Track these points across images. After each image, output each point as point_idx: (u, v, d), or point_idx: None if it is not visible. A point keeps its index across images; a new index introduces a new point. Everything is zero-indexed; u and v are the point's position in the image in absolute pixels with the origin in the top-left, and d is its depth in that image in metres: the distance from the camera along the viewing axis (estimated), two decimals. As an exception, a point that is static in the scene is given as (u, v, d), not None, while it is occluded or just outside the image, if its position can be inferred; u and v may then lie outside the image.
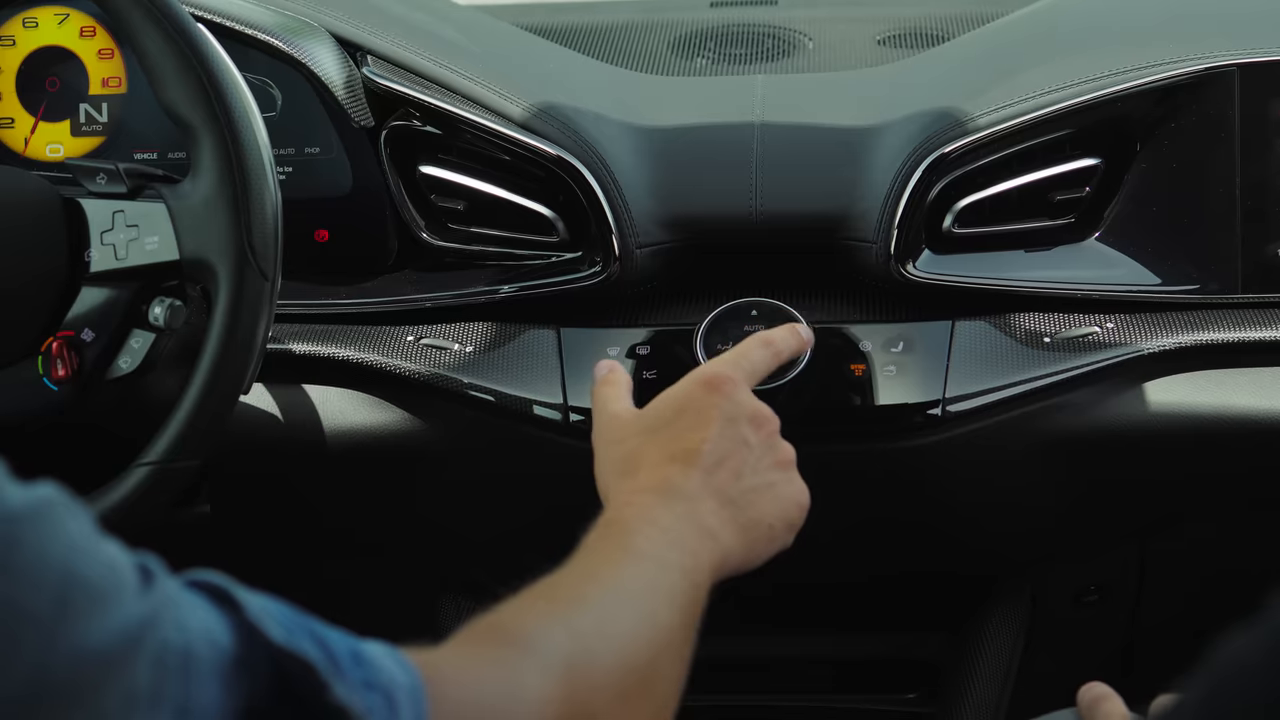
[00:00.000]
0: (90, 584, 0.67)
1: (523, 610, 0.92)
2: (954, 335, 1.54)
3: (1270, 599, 0.65)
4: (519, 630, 0.90)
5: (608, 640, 0.93)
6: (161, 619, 0.70)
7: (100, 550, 0.69)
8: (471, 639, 0.89)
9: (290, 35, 1.59)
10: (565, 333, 1.57)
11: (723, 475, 1.12)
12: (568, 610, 0.94)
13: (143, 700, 0.68)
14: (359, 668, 0.76)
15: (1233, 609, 0.69)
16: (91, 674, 0.66)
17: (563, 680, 0.88)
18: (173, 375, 1.40)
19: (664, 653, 0.97)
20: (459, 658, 0.86)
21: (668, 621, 0.99)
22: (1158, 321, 1.54)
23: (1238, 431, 1.53)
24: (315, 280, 1.61)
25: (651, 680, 0.96)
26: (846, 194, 1.55)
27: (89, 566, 0.68)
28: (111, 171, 1.39)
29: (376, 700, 0.75)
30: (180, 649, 0.70)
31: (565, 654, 0.89)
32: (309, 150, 1.61)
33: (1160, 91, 1.54)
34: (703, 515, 1.08)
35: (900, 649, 1.89)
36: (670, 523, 1.06)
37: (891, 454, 1.54)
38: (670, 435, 1.14)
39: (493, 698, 0.84)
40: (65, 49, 1.62)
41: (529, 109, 1.58)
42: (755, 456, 1.14)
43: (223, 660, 0.72)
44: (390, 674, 0.78)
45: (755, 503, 1.13)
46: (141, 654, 0.68)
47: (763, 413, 1.17)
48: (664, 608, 0.99)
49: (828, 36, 1.90)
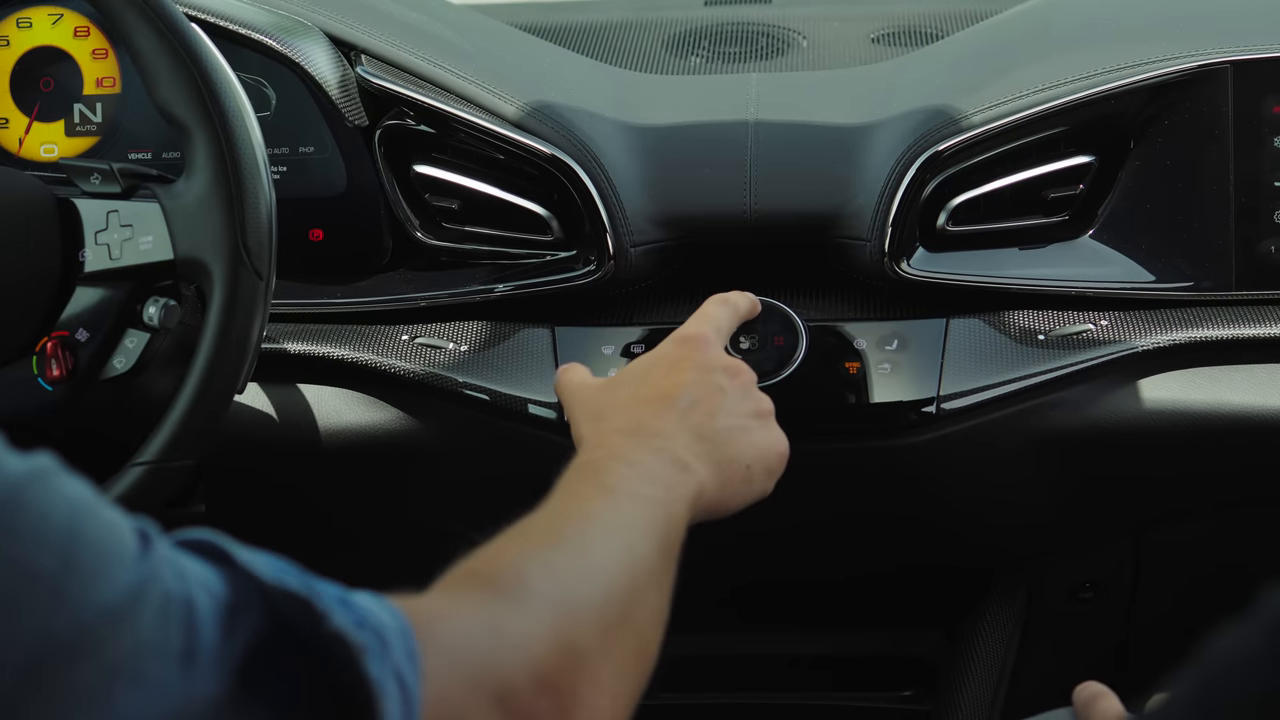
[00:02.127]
0: (94, 543, 0.69)
1: (501, 552, 0.94)
2: (948, 333, 1.54)
3: (1260, 595, 0.65)
4: (499, 572, 0.91)
5: (586, 574, 0.94)
6: (161, 572, 0.71)
7: (101, 512, 0.71)
8: (454, 584, 0.90)
9: (284, 34, 1.59)
10: (560, 331, 1.57)
11: (697, 415, 1.13)
12: (545, 549, 0.95)
13: (150, 649, 0.69)
14: (347, 610, 0.77)
15: (1227, 606, 0.69)
16: (99, 628, 0.68)
17: (545, 617, 0.88)
18: (167, 375, 1.40)
19: (643, 585, 0.98)
20: (444, 602, 0.88)
21: (645, 553, 0.99)
22: (1152, 319, 1.55)
23: (1232, 428, 1.54)
24: (310, 280, 1.61)
25: (632, 613, 0.96)
26: (840, 192, 1.55)
27: (92, 526, 0.70)
28: (105, 171, 1.39)
29: (369, 637, 0.76)
30: (182, 598, 0.71)
31: (545, 591, 0.90)
32: (303, 149, 1.61)
33: (1154, 89, 1.55)
34: (676, 450, 1.09)
35: (896, 646, 1.89)
36: (642, 458, 1.07)
37: (886, 451, 1.54)
38: (643, 383, 1.16)
39: (479, 638, 0.85)
40: (59, 49, 1.62)
41: (523, 108, 1.58)
42: (731, 401, 1.16)
43: (220, 605, 0.73)
44: (378, 617, 0.79)
45: (731, 441, 1.13)
46: (145, 606, 0.70)
47: (737, 364, 1.19)
48: (640, 540, 1.00)
49: (822, 35, 1.90)
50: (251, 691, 0.73)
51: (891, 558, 1.74)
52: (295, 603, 0.75)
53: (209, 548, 0.77)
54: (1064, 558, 1.75)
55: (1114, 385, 1.54)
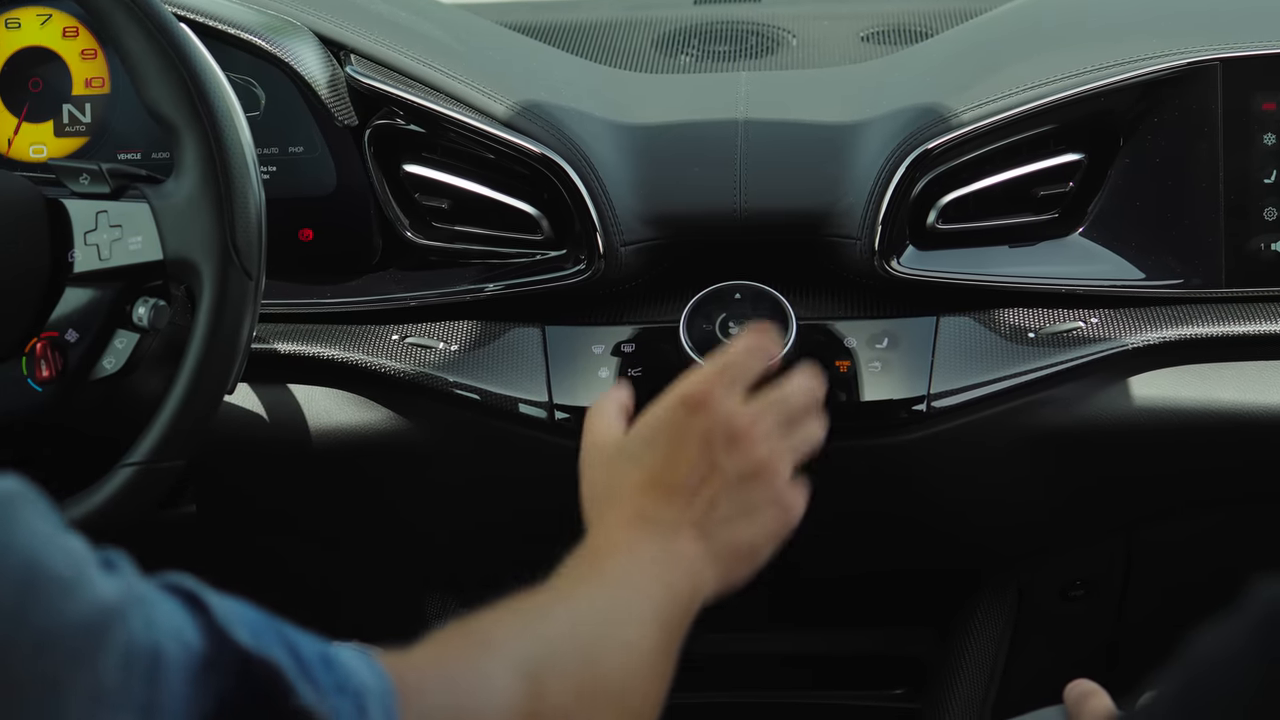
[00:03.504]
0: (54, 573, 0.67)
1: (491, 618, 0.94)
2: (938, 331, 1.54)
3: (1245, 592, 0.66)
4: (486, 634, 0.91)
5: (573, 649, 0.95)
6: (129, 615, 0.70)
7: (63, 541, 0.69)
8: (441, 643, 0.90)
9: (273, 34, 1.59)
10: (550, 330, 1.57)
11: (699, 505, 1.10)
12: (536, 621, 0.95)
13: (109, 699, 0.68)
14: (329, 672, 0.76)
15: (1217, 604, 0.69)
16: (57, 666, 0.66)
17: (529, 680, 0.89)
18: (157, 375, 1.39)
19: (635, 672, 0.98)
20: (429, 660, 0.87)
21: (638, 643, 0.99)
22: (1142, 316, 1.55)
23: (1222, 426, 1.54)
24: (300, 279, 1.61)
25: (623, 695, 0.96)
26: (830, 190, 1.55)
27: (52, 555, 0.68)
28: (94, 172, 1.39)
29: (346, 704, 0.76)
30: (149, 648, 0.69)
31: (531, 657, 0.90)
32: (293, 149, 1.61)
33: (1143, 86, 1.55)
34: (680, 544, 1.08)
35: (887, 645, 1.89)
36: (646, 551, 1.06)
37: (877, 450, 1.54)
38: (648, 463, 1.12)
39: (462, 697, 0.85)
40: (48, 49, 1.62)
41: (513, 107, 1.58)
42: (734, 482, 1.12)
43: (192, 661, 0.71)
44: (360, 678, 0.78)
45: (732, 530, 1.11)
46: (108, 649, 0.68)
47: (738, 428, 1.13)
48: (633, 630, 1.00)
49: (811, 33, 1.90)
50: None
51: (883, 557, 1.74)
52: (268, 670, 0.74)
53: (189, 595, 0.75)
54: (1055, 556, 1.75)
55: (1104, 383, 1.54)
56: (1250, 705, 0.62)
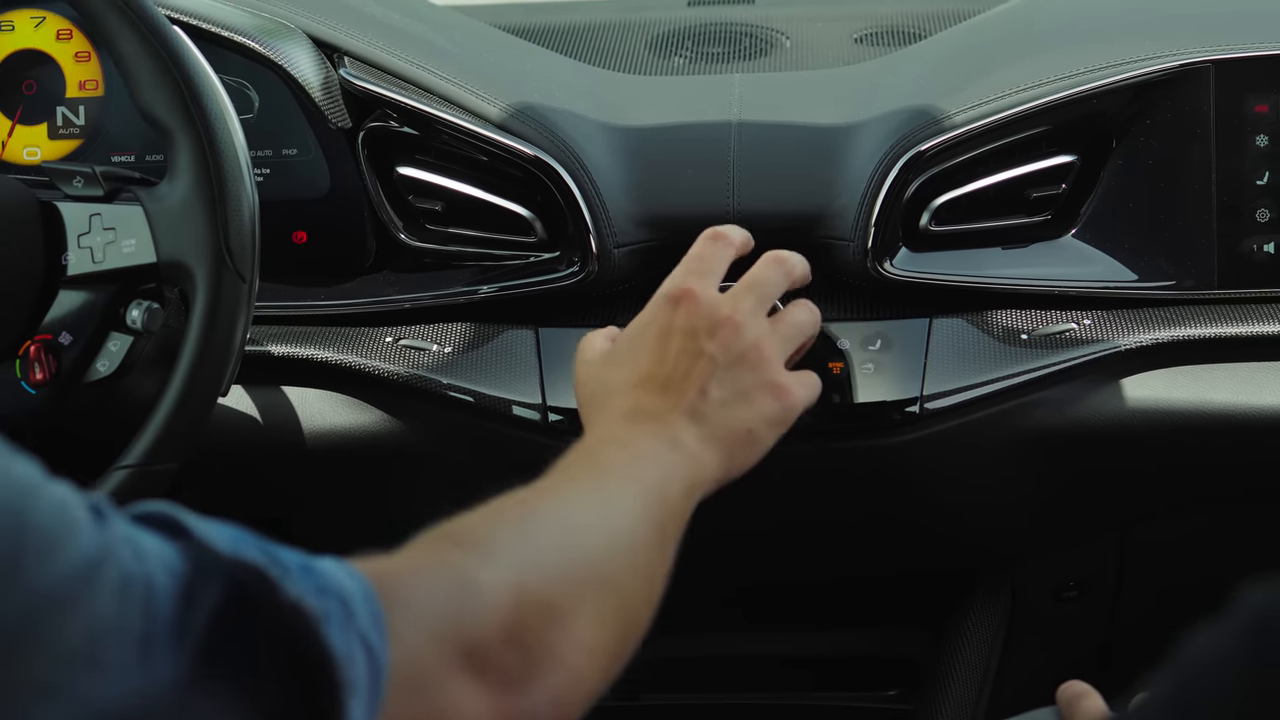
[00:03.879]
0: (43, 525, 0.68)
1: (473, 517, 0.94)
2: (931, 333, 1.54)
3: (1236, 595, 0.66)
4: (468, 532, 0.92)
5: (559, 538, 0.95)
6: (118, 552, 0.70)
7: (51, 490, 0.70)
8: (422, 545, 0.90)
9: (266, 37, 1.59)
10: (544, 333, 1.57)
11: (690, 392, 1.13)
12: (519, 515, 0.96)
13: (107, 633, 0.69)
14: (309, 576, 0.77)
15: (1210, 605, 0.69)
16: (51, 613, 0.67)
17: (512, 571, 0.89)
18: (151, 378, 1.40)
19: (628, 563, 0.99)
20: (410, 561, 0.88)
21: (628, 528, 1.00)
22: (1134, 318, 1.55)
23: (1214, 427, 1.54)
24: (293, 282, 1.61)
25: (611, 576, 0.96)
26: (823, 192, 1.55)
27: (41, 507, 0.68)
28: (88, 174, 1.39)
29: (332, 604, 0.76)
30: (141, 579, 0.71)
31: (514, 549, 0.91)
32: (286, 152, 1.61)
33: (1135, 88, 1.55)
34: (674, 433, 1.10)
35: (880, 646, 1.89)
36: (637, 441, 1.08)
37: (870, 452, 1.55)
38: (637, 362, 1.16)
39: (445, 596, 0.85)
40: (42, 52, 1.62)
41: (506, 109, 1.58)
42: (721, 367, 1.15)
43: (180, 584, 0.72)
44: (340, 581, 0.78)
45: (727, 414, 1.13)
46: (101, 587, 0.69)
47: (720, 316, 1.17)
48: (624, 517, 1.01)
49: (805, 35, 1.91)
50: (213, 667, 0.72)
51: (876, 558, 1.74)
52: (251, 573, 0.75)
53: (166, 520, 0.77)
54: (1048, 557, 1.75)
55: (1097, 384, 1.54)
56: (1241, 709, 0.62)
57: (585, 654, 0.92)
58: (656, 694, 1.90)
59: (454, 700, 0.84)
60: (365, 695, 0.76)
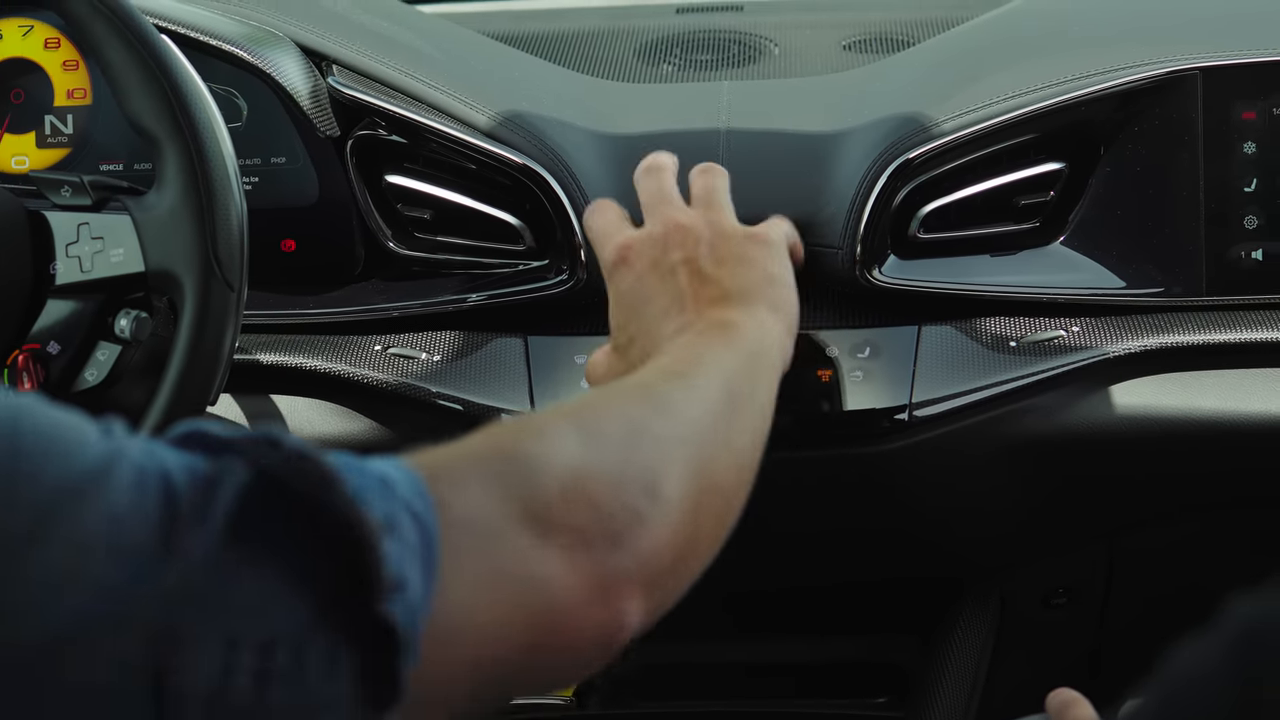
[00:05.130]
0: (40, 431, 0.69)
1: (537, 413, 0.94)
2: (920, 340, 1.54)
3: (1222, 608, 0.66)
4: (522, 419, 0.92)
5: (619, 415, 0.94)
6: (129, 453, 0.71)
7: (48, 409, 0.71)
8: (474, 433, 0.88)
9: (255, 45, 1.59)
10: (533, 340, 1.57)
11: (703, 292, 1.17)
12: (576, 403, 0.96)
13: (126, 519, 0.69)
14: (342, 460, 0.76)
15: (1199, 613, 0.69)
16: (60, 506, 0.68)
17: (568, 446, 0.88)
18: (139, 387, 1.39)
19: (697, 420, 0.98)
20: (460, 445, 0.86)
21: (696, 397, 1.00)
22: (1123, 325, 1.55)
23: (1203, 434, 1.54)
24: (282, 290, 1.61)
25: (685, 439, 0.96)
26: (812, 200, 1.55)
27: (36, 418, 0.70)
28: (76, 184, 1.39)
29: (369, 481, 0.75)
30: (157, 472, 0.71)
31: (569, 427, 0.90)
32: (274, 160, 1.61)
33: (1123, 95, 1.55)
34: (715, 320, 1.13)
35: (869, 652, 1.89)
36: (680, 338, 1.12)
37: (859, 459, 1.55)
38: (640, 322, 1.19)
39: (495, 461, 0.84)
40: (30, 61, 1.61)
41: (495, 117, 1.58)
42: (700, 257, 1.20)
43: (198, 477, 0.72)
44: (378, 465, 0.78)
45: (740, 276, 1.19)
46: (114, 481, 0.69)
47: (657, 235, 1.23)
48: (689, 389, 1.01)
49: (793, 42, 1.90)
50: (243, 542, 0.71)
51: (865, 566, 1.75)
52: (265, 444, 0.74)
53: (191, 438, 0.76)
54: (1037, 564, 1.75)
55: (1086, 391, 1.54)
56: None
57: (664, 506, 0.90)
58: (645, 701, 1.89)
59: (527, 561, 0.82)
60: (417, 554, 0.75)
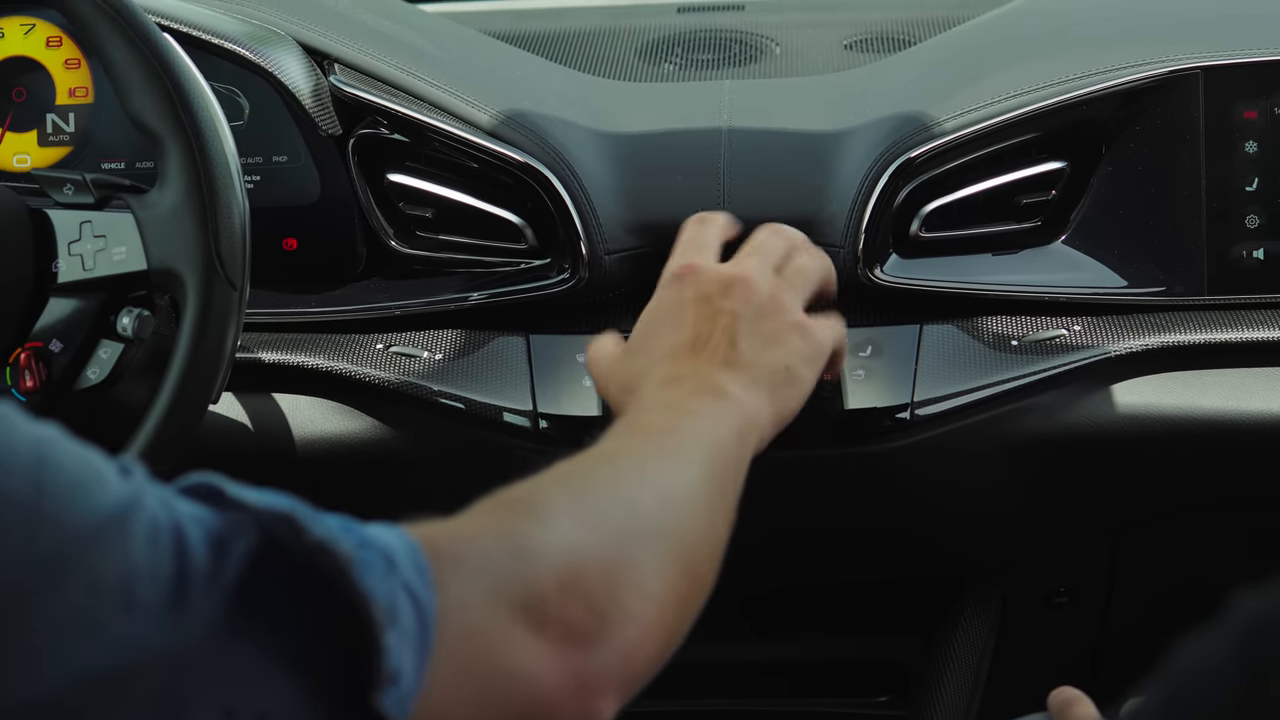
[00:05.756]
0: (64, 469, 0.70)
1: (524, 483, 0.93)
2: (922, 339, 1.54)
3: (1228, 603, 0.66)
4: (521, 495, 0.91)
5: (613, 496, 0.94)
6: (146, 502, 0.72)
7: (70, 444, 0.71)
8: (473, 510, 0.89)
9: (257, 44, 1.59)
10: (534, 339, 1.57)
11: (721, 348, 1.13)
12: (570, 477, 0.95)
13: (140, 574, 0.69)
14: (350, 533, 0.77)
15: (1202, 611, 0.69)
16: (80, 549, 0.68)
17: (568, 527, 0.88)
18: (141, 385, 1.39)
19: (684, 504, 0.98)
20: (461, 524, 0.87)
21: (685, 479, 1.00)
22: (1124, 324, 1.55)
23: (1205, 433, 1.54)
24: (284, 289, 1.61)
25: (674, 535, 0.96)
26: (814, 199, 1.55)
27: (61, 454, 0.70)
28: (78, 182, 1.39)
29: (372, 555, 0.76)
30: (170, 525, 0.72)
31: (568, 507, 0.90)
32: (276, 159, 1.61)
33: (1125, 94, 1.55)
34: (714, 383, 1.10)
35: (870, 652, 1.89)
36: (679, 399, 1.08)
37: (860, 458, 1.55)
38: (657, 341, 1.16)
39: (496, 549, 0.84)
40: (32, 59, 1.61)
41: (496, 116, 1.58)
42: (743, 319, 1.15)
43: (211, 534, 0.73)
44: (384, 538, 0.78)
45: (761, 356, 1.13)
46: (131, 530, 0.70)
47: (728, 276, 1.18)
48: (677, 467, 1.00)
49: (794, 41, 1.90)
50: (248, 612, 0.72)
51: (866, 565, 1.74)
52: (281, 520, 0.75)
53: (203, 489, 0.77)
54: (1039, 563, 1.75)
55: (1087, 390, 1.54)
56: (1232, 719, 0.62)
57: (653, 605, 0.91)
58: (645, 700, 1.89)
59: (515, 654, 0.82)
60: (413, 642, 0.76)
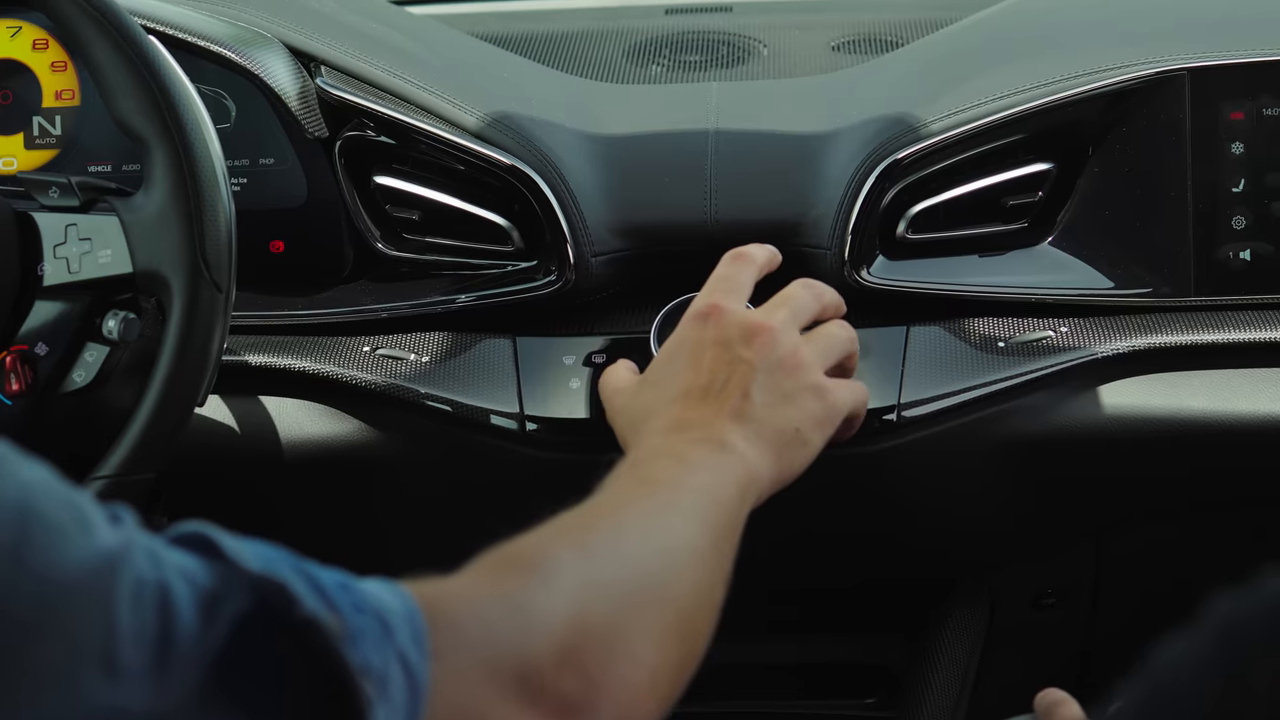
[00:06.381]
0: (50, 518, 0.68)
1: (530, 539, 0.93)
2: (909, 341, 1.54)
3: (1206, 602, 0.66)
4: (524, 554, 0.90)
5: (616, 556, 0.94)
6: (133, 556, 0.70)
7: (60, 490, 0.70)
8: (477, 566, 0.89)
9: (243, 46, 1.59)
10: (521, 341, 1.57)
11: (733, 399, 1.12)
12: (575, 533, 0.95)
13: (123, 635, 0.68)
14: (346, 594, 0.76)
15: (1188, 612, 0.69)
16: (63, 603, 0.67)
17: (569, 593, 0.88)
18: (127, 388, 1.39)
19: (684, 566, 0.98)
20: (463, 583, 0.87)
21: (685, 536, 0.99)
22: (1111, 325, 1.55)
23: (1191, 433, 1.54)
24: (270, 291, 1.61)
25: (671, 592, 0.95)
26: (801, 200, 1.55)
27: (47, 503, 0.69)
28: (64, 185, 1.38)
29: (368, 622, 0.75)
30: (156, 585, 0.70)
31: (571, 569, 0.89)
32: (263, 161, 1.61)
33: (1112, 96, 1.55)
34: (721, 436, 1.09)
35: (859, 653, 1.89)
36: (684, 450, 1.07)
37: (847, 460, 1.54)
38: (674, 379, 1.16)
39: (497, 617, 0.84)
40: (18, 62, 1.61)
41: (483, 118, 1.58)
42: (760, 371, 1.15)
43: (200, 594, 0.72)
44: (382, 600, 0.78)
45: (772, 414, 1.13)
46: (117, 587, 0.69)
47: (753, 324, 1.17)
48: (679, 525, 1.00)
49: (782, 43, 1.91)
50: (234, 680, 0.72)
51: (853, 567, 1.74)
52: (274, 589, 0.74)
53: (199, 540, 0.76)
54: (1026, 564, 1.75)
55: (1074, 391, 1.54)
56: (1211, 717, 0.62)
57: (647, 674, 0.91)
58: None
59: None
60: (402, 714, 0.75)
